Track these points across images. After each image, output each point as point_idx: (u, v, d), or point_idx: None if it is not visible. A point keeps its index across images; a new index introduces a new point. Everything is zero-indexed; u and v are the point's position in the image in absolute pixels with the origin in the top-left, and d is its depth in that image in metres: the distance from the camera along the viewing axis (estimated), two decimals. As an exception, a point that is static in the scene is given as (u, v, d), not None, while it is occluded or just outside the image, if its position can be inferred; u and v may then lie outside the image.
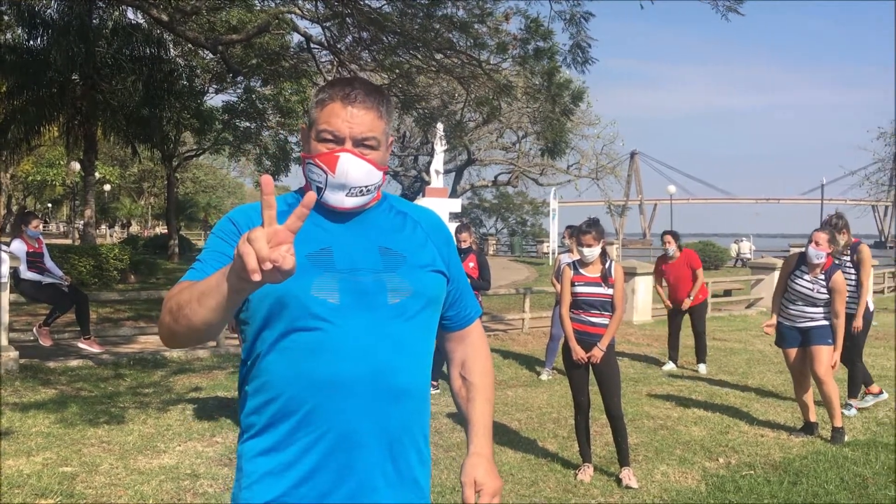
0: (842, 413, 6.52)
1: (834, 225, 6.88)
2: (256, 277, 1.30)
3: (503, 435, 6.26)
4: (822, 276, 6.07)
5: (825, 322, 6.11)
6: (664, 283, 9.74)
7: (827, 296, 6.07)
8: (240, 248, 1.30)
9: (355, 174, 1.72)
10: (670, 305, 9.58)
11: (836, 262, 6.29)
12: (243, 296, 1.44)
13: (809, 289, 6.11)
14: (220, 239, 1.74)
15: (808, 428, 6.34)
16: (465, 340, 1.98)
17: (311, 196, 1.35)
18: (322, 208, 1.77)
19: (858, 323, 6.94)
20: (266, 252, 1.28)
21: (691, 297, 9.33)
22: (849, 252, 7.08)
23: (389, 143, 1.83)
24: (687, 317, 9.59)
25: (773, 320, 6.43)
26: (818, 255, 6.05)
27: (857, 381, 7.28)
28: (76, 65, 18.56)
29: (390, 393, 1.71)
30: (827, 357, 6.08)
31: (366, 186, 1.75)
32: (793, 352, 6.31)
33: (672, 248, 9.45)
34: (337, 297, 1.68)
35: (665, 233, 9.71)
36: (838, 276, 6.09)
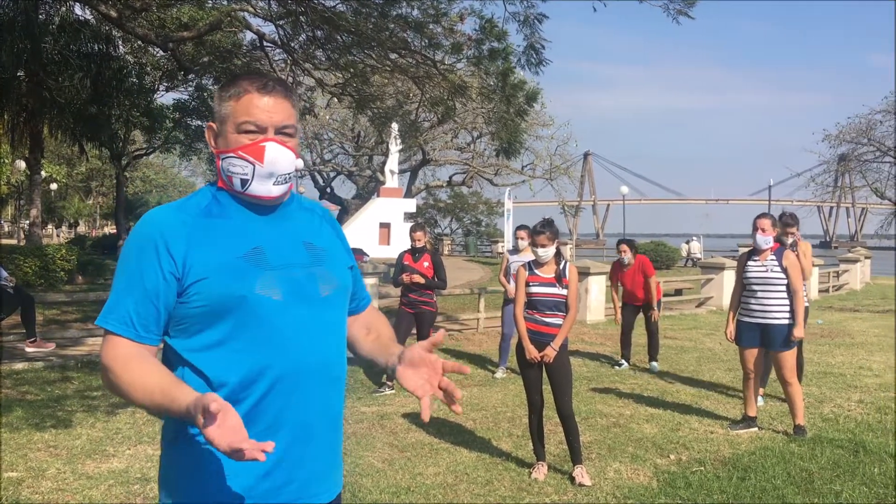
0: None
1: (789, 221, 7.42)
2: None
3: (458, 434, 6.27)
4: (773, 256, 6.25)
5: (785, 321, 6.21)
6: (619, 289, 9.93)
7: (783, 276, 6.20)
8: (224, 444, 1.43)
9: (282, 162, 1.75)
10: (619, 320, 9.92)
11: (782, 246, 6.48)
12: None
13: (763, 270, 6.25)
14: (140, 274, 1.75)
15: (747, 421, 6.50)
16: (361, 315, 2.07)
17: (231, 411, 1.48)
18: (245, 203, 1.80)
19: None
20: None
21: (657, 310, 9.68)
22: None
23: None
24: (641, 315, 9.75)
25: (731, 326, 6.54)
26: (766, 240, 6.28)
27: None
28: (21, 61, 18.11)
29: (333, 381, 1.81)
30: (790, 360, 6.23)
31: (289, 174, 1.79)
32: (750, 352, 6.40)
33: (627, 256, 9.60)
34: (279, 294, 1.72)
35: (620, 241, 9.82)
36: (789, 253, 6.29)
